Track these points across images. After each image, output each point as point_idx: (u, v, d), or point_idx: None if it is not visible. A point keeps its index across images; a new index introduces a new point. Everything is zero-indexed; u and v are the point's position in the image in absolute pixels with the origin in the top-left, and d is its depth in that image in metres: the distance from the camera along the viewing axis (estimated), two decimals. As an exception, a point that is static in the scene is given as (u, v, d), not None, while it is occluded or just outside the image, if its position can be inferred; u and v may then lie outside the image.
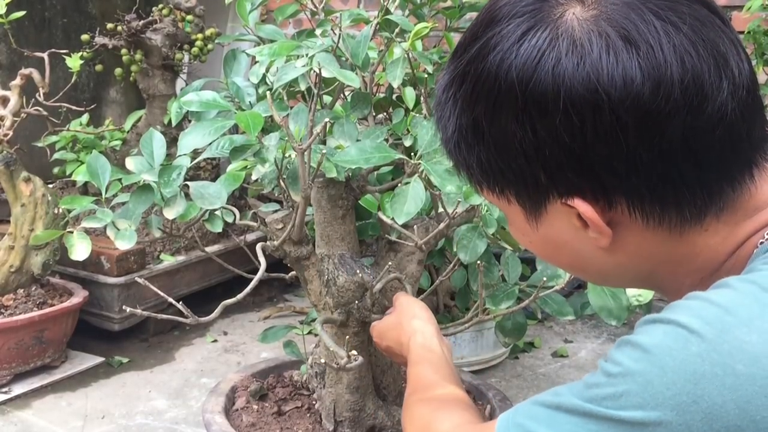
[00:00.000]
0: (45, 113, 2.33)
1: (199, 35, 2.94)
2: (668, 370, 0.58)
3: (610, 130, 0.63)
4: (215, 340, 2.72)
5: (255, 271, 1.31)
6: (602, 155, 0.64)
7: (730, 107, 0.64)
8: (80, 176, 1.54)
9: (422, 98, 1.32)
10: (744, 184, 0.68)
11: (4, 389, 2.24)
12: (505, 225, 1.31)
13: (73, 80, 2.38)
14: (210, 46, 2.96)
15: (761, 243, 0.68)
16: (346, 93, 1.48)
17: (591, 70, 0.62)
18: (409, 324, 1.11)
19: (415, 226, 1.38)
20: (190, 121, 1.38)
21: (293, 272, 1.50)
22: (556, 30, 0.64)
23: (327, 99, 1.44)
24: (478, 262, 1.26)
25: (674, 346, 0.59)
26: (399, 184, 1.17)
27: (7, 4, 2.25)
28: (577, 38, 0.63)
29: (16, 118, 2.29)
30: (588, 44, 0.63)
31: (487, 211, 1.26)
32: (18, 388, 2.25)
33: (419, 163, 1.15)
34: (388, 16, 1.35)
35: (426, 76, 1.40)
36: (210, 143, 1.25)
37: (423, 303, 1.17)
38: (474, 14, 2.06)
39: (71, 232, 1.34)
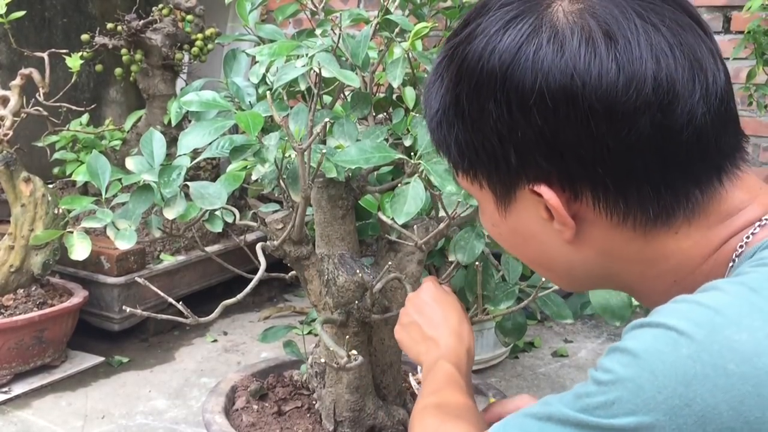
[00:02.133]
0: (45, 113, 2.33)
1: (199, 35, 2.95)
2: (659, 374, 0.58)
3: (582, 118, 0.65)
4: (215, 340, 2.72)
5: (255, 271, 1.31)
6: (572, 141, 0.66)
7: (700, 111, 0.66)
8: (80, 176, 1.54)
9: (422, 98, 1.31)
10: (713, 189, 0.69)
11: (4, 389, 2.24)
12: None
13: (73, 80, 2.38)
14: (210, 46, 2.96)
15: (740, 248, 0.69)
16: (346, 93, 1.48)
17: (569, 58, 0.65)
18: (436, 330, 1.06)
19: (415, 226, 1.38)
20: (190, 121, 1.38)
21: (293, 272, 1.50)
22: (540, 19, 0.67)
23: (327, 99, 1.44)
24: (476, 263, 1.26)
25: (664, 350, 0.59)
26: (399, 185, 1.17)
27: (7, 4, 2.25)
28: (560, 29, 0.66)
29: (16, 118, 2.29)
30: (569, 35, 0.66)
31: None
32: (18, 388, 2.26)
33: (419, 163, 1.15)
34: (388, 16, 1.35)
35: (426, 76, 1.40)
36: (210, 143, 1.25)
37: (454, 300, 1.12)
38: (474, 14, 2.06)
39: (71, 232, 1.34)
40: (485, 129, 0.69)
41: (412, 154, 1.19)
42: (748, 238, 0.69)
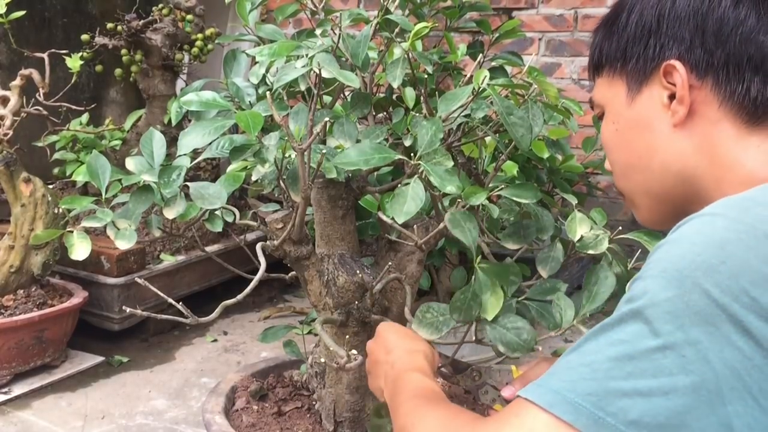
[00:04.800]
0: (45, 113, 2.33)
1: (199, 35, 2.95)
2: (698, 242, 0.67)
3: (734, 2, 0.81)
4: (215, 340, 2.72)
5: (255, 271, 1.31)
6: (717, 19, 0.81)
7: None
8: (80, 176, 1.54)
9: (422, 98, 1.31)
10: None
11: (4, 389, 2.24)
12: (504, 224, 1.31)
13: (73, 80, 2.38)
14: (210, 46, 2.96)
15: None
16: (346, 93, 1.48)
17: None
18: (386, 359, 1.10)
19: (414, 226, 1.38)
20: (190, 121, 1.38)
21: (293, 272, 1.50)
22: None
23: (327, 99, 1.44)
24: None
25: (701, 227, 0.68)
26: (399, 185, 1.17)
27: (7, 4, 2.25)
28: None
29: (16, 118, 2.29)
30: None
31: (485, 210, 1.26)
32: (18, 388, 2.25)
33: (419, 164, 1.15)
34: (388, 16, 1.35)
35: (426, 76, 1.40)
36: (210, 143, 1.24)
37: (395, 326, 1.18)
38: (474, 14, 2.06)
39: (71, 232, 1.34)
40: (645, 11, 0.87)
41: (411, 154, 1.18)
42: None
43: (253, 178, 1.32)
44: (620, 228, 1.22)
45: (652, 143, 0.87)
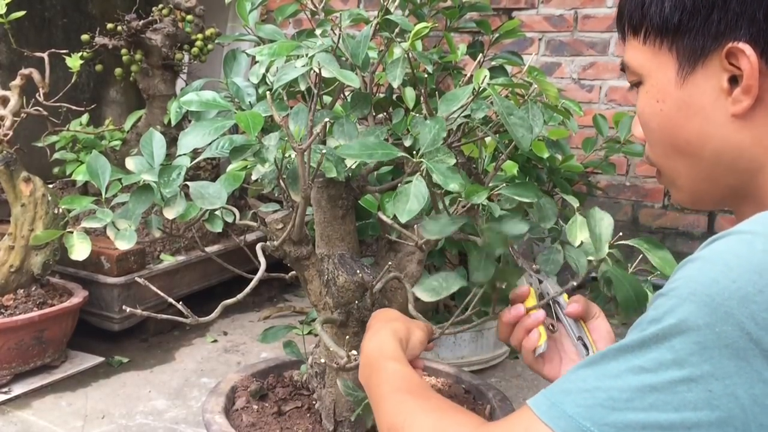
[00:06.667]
0: (45, 113, 2.33)
1: (199, 35, 2.95)
2: (734, 266, 0.60)
3: None
4: (215, 340, 2.72)
5: (255, 271, 1.31)
6: None
7: None
8: (80, 176, 1.54)
9: (422, 98, 1.31)
10: None
11: (4, 389, 2.24)
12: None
13: (73, 80, 2.38)
14: (210, 46, 2.96)
15: None
16: (346, 93, 1.48)
17: None
18: (367, 344, 1.02)
19: (415, 226, 1.38)
20: (190, 121, 1.37)
21: (293, 272, 1.50)
22: None
23: (327, 99, 1.44)
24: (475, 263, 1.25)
25: (738, 247, 0.61)
26: (400, 183, 1.17)
27: (7, 4, 2.25)
28: None
29: (16, 118, 2.29)
30: None
31: (485, 209, 1.26)
32: (18, 388, 2.26)
33: (421, 162, 1.15)
34: (388, 16, 1.35)
35: (426, 76, 1.40)
36: (210, 143, 1.24)
37: (381, 310, 1.12)
38: (474, 14, 2.06)
39: (71, 232, 1.34)
40: None
41: (412, 154, 1.18)
42: None
43: (253, 178, 1.32)
44: (620, 234, 1.21)
45: (705, 130, 0.77)
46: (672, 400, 0.60)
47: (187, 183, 1.27)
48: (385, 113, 1.59)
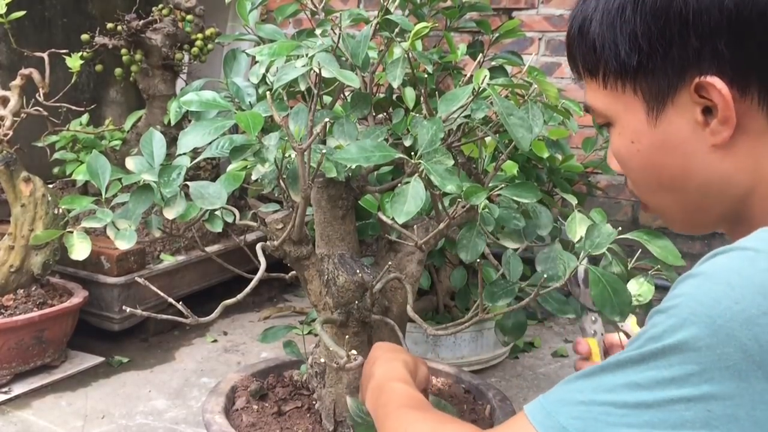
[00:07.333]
0: (45, 113, 2.33)
1: (199, 35, 2.95)
2: (736, 286, 0.58)
3: None
4: (215, 340, 2.72)
5: (255, 271, 1.31)
6: (758, 27, 0.67)
7: None
8: (80, 176, 1.54)
9: (422, 98, 1.31)
10: None
11: (4, 389, 2.24)
12: (505, 223, 1.31)
13: (73, 80, 2.38)
14: (210, 46, 2.96)
15: None
16: (346, 93, 1.48)
17: None
18: (370, 371, 1.07)
19: (414, 226, 1.38)
20: (190, 121, 1.38)
21: (293, 272, 1.50)
22: None
23: (327, 99, 1.44)
24: (477, 260, 1.26)
25: (741, 265, 0.60)
26: (399, 184, 1.17)
27: (7, 4, 2.25)
28: None
29: (16, 118, 2.29)
30: None
31: (485, 209, 1.26)
32: (18, 388, 2.26)
33: (419, 163, 1.15)
34: (388, 16, 1.35)
35: (426, 76, 1.40)
36: (210, 143, 1.24)
37: (384, 343, 1.17)
38: (474, 14, 2.06)
39: (71, 232, 1.34)
40: (669, 14, 0.69)
41: (411, 154, 1.18)
42: None
43: (253, 178, 1.32)
44: (620, 228, 1.21)
45: (688, 164, 0.74)
46: (669, 418, 0.59)
47: (187, 183, 1.27)
48: (385, 113, 1.59)
